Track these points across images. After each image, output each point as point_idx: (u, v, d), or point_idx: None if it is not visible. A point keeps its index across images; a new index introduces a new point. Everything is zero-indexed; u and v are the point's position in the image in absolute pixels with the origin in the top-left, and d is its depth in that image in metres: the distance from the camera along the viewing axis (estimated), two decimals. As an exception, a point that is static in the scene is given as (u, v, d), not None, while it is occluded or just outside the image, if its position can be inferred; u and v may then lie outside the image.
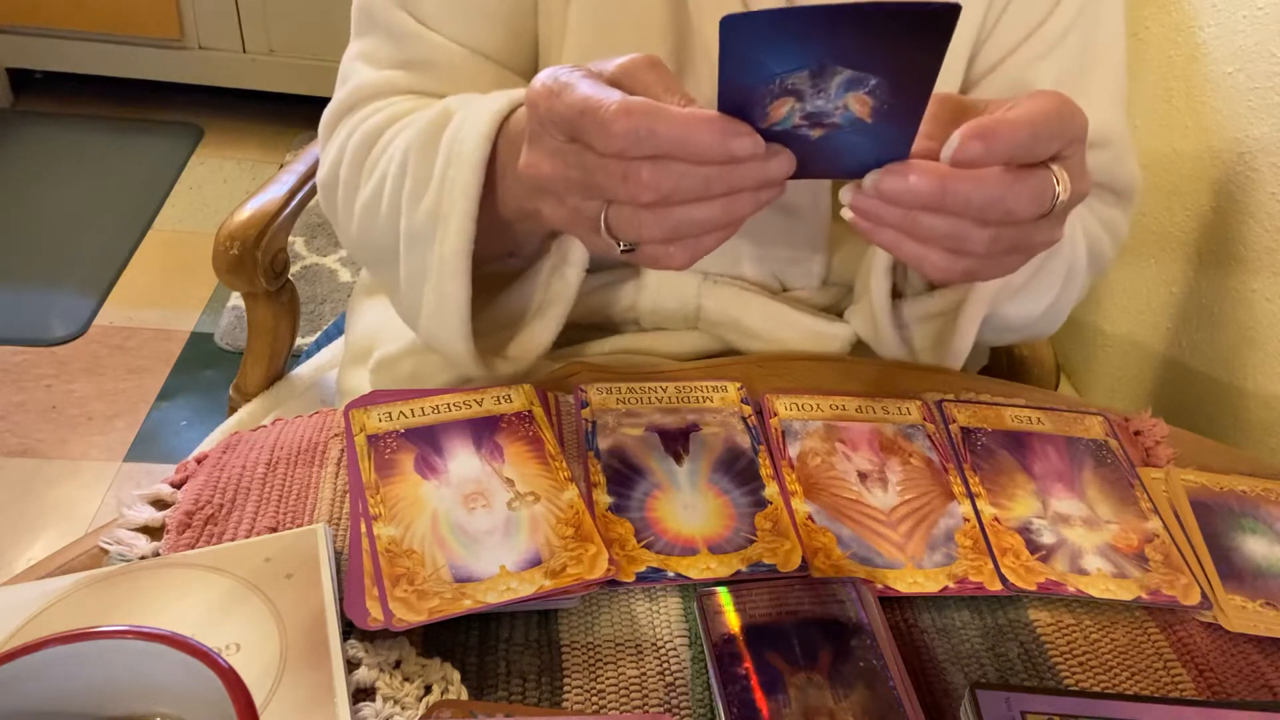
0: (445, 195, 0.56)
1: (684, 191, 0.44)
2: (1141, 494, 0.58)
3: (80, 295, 1.86)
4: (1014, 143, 0.43)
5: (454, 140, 0.57)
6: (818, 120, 0.44)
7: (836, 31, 0.41)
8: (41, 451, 1.59)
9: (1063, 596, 0.52)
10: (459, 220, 0.56)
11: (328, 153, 0.67)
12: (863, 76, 0.42)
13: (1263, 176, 0.95)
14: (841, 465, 0.57)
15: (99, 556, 0.49)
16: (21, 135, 2.25)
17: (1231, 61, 1.00)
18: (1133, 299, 1.18)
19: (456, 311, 0.58)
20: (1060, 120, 0.45)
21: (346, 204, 0.65)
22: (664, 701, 0.45)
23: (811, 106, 0.43)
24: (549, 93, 0.46)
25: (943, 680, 0.48)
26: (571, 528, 0.50)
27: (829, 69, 0.42)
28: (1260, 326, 0.96)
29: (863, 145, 0.45)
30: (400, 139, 0.61)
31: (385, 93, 0.66)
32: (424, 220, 0.57)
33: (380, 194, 0.61)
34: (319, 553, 0.48)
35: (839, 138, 0.45)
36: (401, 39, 0.65)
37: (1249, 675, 0.50)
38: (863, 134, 0.44)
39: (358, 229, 0.65)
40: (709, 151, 0.43)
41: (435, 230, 0.57)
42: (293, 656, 0.43)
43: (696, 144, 0.43)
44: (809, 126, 0.44)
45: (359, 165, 0.64)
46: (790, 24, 0.41)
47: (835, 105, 0.43)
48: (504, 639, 0.47)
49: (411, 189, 0.59)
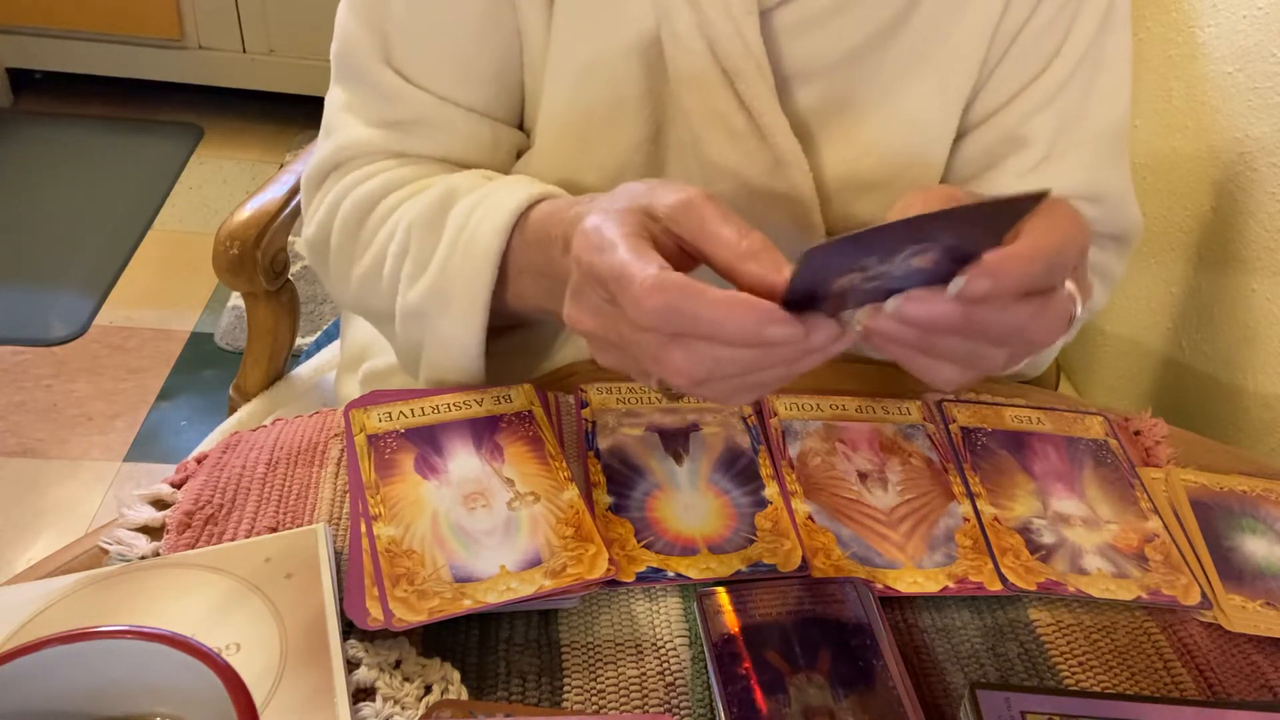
0: (449, 280, 0.56)
1: (720, 371, 0.42)
2: (1141, 494, 0.58)
3: (80, 295, 1.86)
4: (1025, 277, 0.42)
5: (462, 228, 0.56)
6: (875, 279, 0.42)
7: (922, 236, 0.39)
8: (41, 451, 1.59)
9: (1063, 596, 0.52)
10: (467, 309, 0.56)
11: (315, 210, 0.66)
12: (934, 247, 0.40)
13: (1263, 176, 0.95)
14: (842, 465, 0.57)
15: (99, 556, 0.49)
16: (21, 135, 2.25)
17: (1231, 61, 1.00)
18: (1133, 299, 1.18)
19: (470, 376, 0.59)
20: (1073, 249, 0.44)
21: (340, 269, 0.65)
22: (664, 701, 0.45)
23: (875, 273, 0.41)
24: (592, 247, 0.44)
25: (943, 680, 0.48)
26: (571, 528, 0.50)
27: (903, 252, 0.40)
28: (1260, 326, 0.96)
29: (910, 283, 0.43)
30: (400, 214, 0.60)
31: (376, 153, 0.64)
32: (421, 300, 0.57)
33: (379, 268, 0.61)
34: (319, 553, 0.48)
35: (892, 284, 0.43)
36: (391, 98, 0.63)
37: (1249, 675, 0.50)
38: (914, 277, 0.42)
39: (355, 296, 0.65)
40: (744, 338, 0.41)
41: (436, 308, 0.57)
42: (293, 656, 0.43)
43: (731, 330, 0.41)
44: (864, 281, 0.42)
45: (353, 234, 0.63)
46: (876, 243, 0.38)
47: (900, 270, 0.41)
48: (504, 639, 0.47)
49: (411, 270, 0.58)
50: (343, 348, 0.82)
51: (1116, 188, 0.68)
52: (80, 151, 2.21)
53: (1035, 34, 0.63)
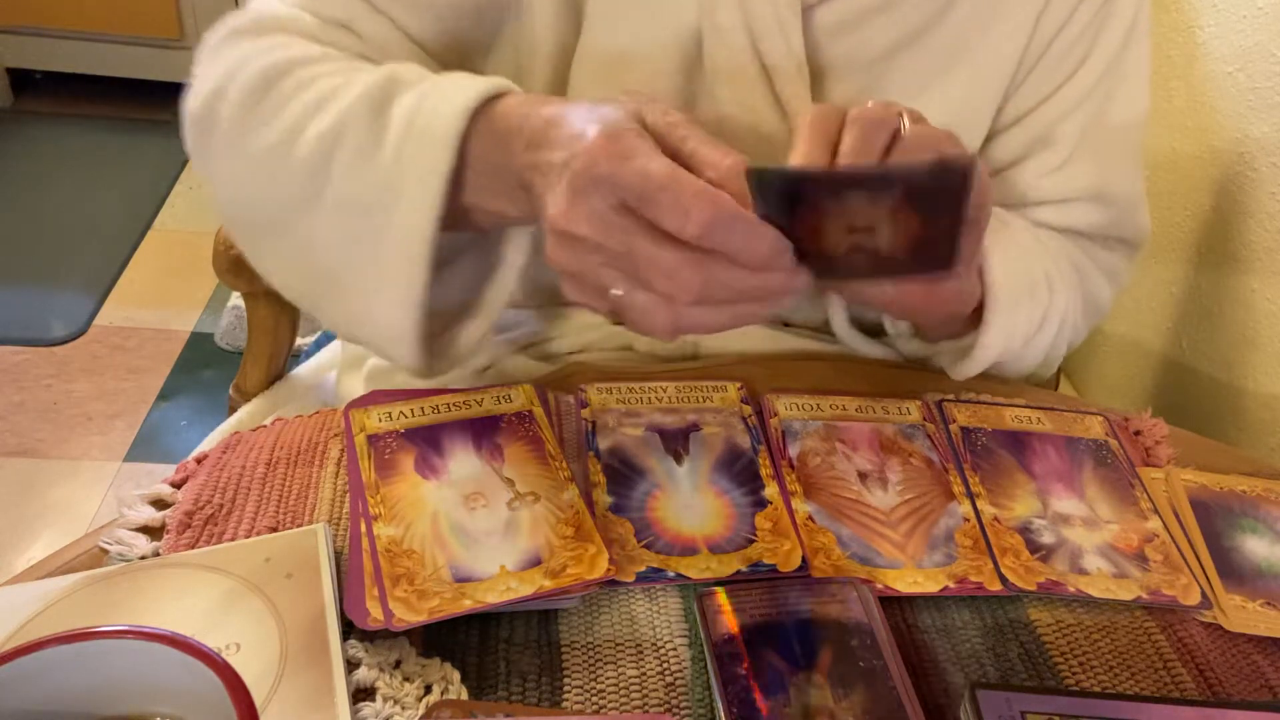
0: (403, 171, 0.50)
1: (713, 294, 0.43)
2: (1141, 494, 0.58)
3: (80, 295, 1.86)
4: None
5: (417, 112, 0.50)
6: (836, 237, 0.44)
7: (867, 183, 0.43)
8: (41, 451, 1.59)
9: (1063, 596, 0.52)
10: (426, 200, 0.49)
11: (206, 76, 0.57)
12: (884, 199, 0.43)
13: (1263, 176, 0.95)
14: (842, 465, 0.57)
15: (99, 556, 0.49)
16: (21, 135, 2.25)
17: (1231, 61, 1.00)
18: (1133, 299, 1.18)
19: (408, 295, 0.51)
20: None
21: (230, 147, 0.56)
22: (664, 701, 0.45)
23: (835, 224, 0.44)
24: (616, 153, 0.43)
25: (943, 680, 0.48)
26: (571, 528, 0.50)
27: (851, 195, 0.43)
28: (1260, 326, 0.96)
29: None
30: (322, 91, 0.53)
31: (293, 31, 0.58)
32: (368, 193, 0.51)
33: (289, 146, 0.53)
34: (319, 553, 0.48)
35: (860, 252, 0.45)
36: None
37: (1249, 675, 0.50)
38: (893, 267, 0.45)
39: (247, 180, 0.56)
40: (763, 261, 0.43)
41: (385, 206, 0.50)
42: (293, 656, 0.43)
43: (757, 252, 0.43)
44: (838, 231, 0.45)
45: (252, 105, 0.54)
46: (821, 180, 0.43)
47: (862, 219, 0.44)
48: (504, 639, 0.47)
49: (351, 160, 0.51)
50: (344, 346, 0.82)
51: (1128, 192, 0.70)
52: (80, 151, 2.22)
53: (1069, 41, 0.64)
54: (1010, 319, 0.61)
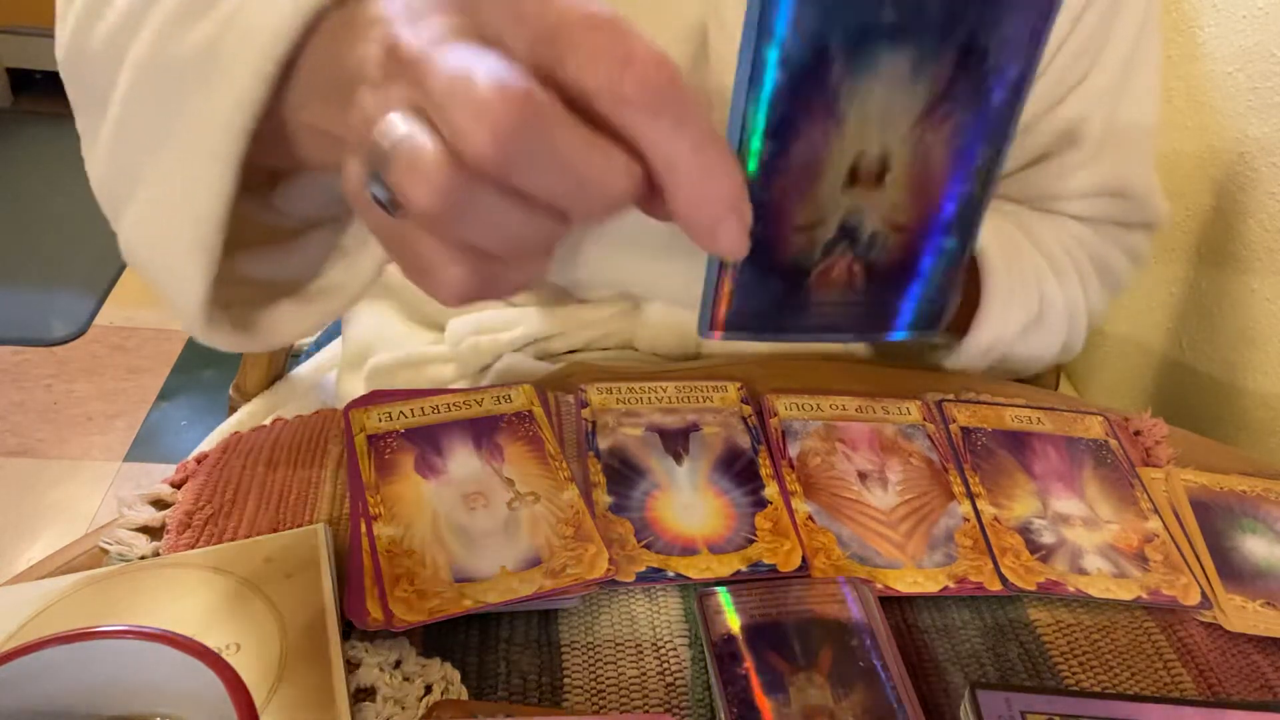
0: (232, 35, 0.37)
1: (529, 236, 0.29)
2: (1141, 494, 0.58)
3: (80, 295, 1.86)
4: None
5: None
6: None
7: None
8: (41, 451, 1.59)
9: (1063, 596, 0.52)
10: (245, 81, 0.36)
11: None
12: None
13: (1263, 176, 0.95)
14: (841, 465, 0.57)
15: (99, 556, 0.49)
16: (21, 135, 2.25)
17: (1231, 61, 1.00)
18: (1133, 299, 1.18)
19: (205, 207, 0.38)
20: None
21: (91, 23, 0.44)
22: (664, 701, 0.45)
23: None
24: (404, 16, 0.30)
25: (943, 680, 0.48)
26: (571, 528, 0.50)
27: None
28: (1260, 326, 0.96)
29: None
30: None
31: None
32: (190, 55, 0.38)
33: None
34: (319, 553, 0.48)
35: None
36: None
37: (1249, 675, 0.50)
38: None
39: (71, 29, 0.45)
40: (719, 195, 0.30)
41: (204, 77, 0.37)
42: (293, 656, 0.43)
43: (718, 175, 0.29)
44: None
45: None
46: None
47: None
48: (504, 639, 0.47)
49: (180, 4, 0.39)
50: (344, 345, 0.82)
51: (1143, 184, 0.71)
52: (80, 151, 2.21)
53: (1080, 43, 0.65)
54: (1004, 307, 0.62)
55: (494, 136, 0.26)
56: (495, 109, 0.26)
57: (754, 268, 0.34)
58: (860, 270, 0.35)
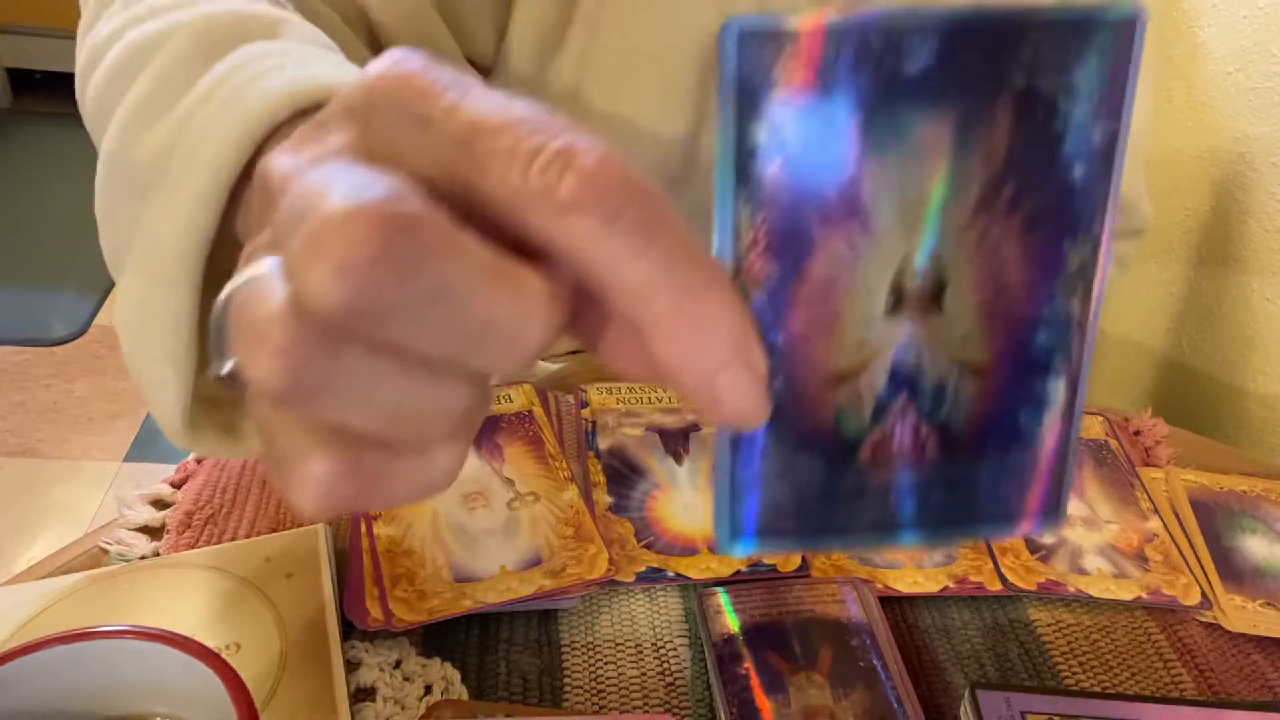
0: (183, 146, 0.32)
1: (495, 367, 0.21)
2: (1141, 494, 0.58)
3: (80, 295, 1.86)
4: None
5: (239, 70, 0.32)
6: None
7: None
8: (41, 451, 1.59)
9: (1063, 596, 0.52)
10: (188, 208, 0.31)
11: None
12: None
13: (1263, 176, 0.95)
14: (841, 465, 0.57)
15: (99, 556, 0.49)
16: (21, 135, 2.25)
17: (1231, 61, 1.00)
18: (1133, 299, 1.18)
19: (168, 325, 0.33)
20: None
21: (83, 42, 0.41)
22: (664, 701, 0.45)
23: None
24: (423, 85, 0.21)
25: (943, 680, 0.48)
26: (571, 528, 0.50)
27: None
28: (1260, 326, 0.96)
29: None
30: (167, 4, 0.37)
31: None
32: (146, 162, 0.34)
33: (102, 54, 0.38)
34: (319, 553, 0.48)
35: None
36: None
37: (1249, 675, 0.50)
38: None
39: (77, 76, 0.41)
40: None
41: (158, 188, 0.33)
42: (293, 656, 0.43)
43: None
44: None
45: (104, 2, 0.41)
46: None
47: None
48: (504, 639, 0.47)
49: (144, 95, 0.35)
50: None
51: (1134, 194, 0.72)
52: (80, 151, 2.21)
53: None
54: None
55: (340, 275, 0.18)
56: (343, 239, 0.18)
57: (780, 443, 0.24)
58: (933, 437, 0.25)
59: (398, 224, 0.19)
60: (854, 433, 0.24)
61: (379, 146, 0.22)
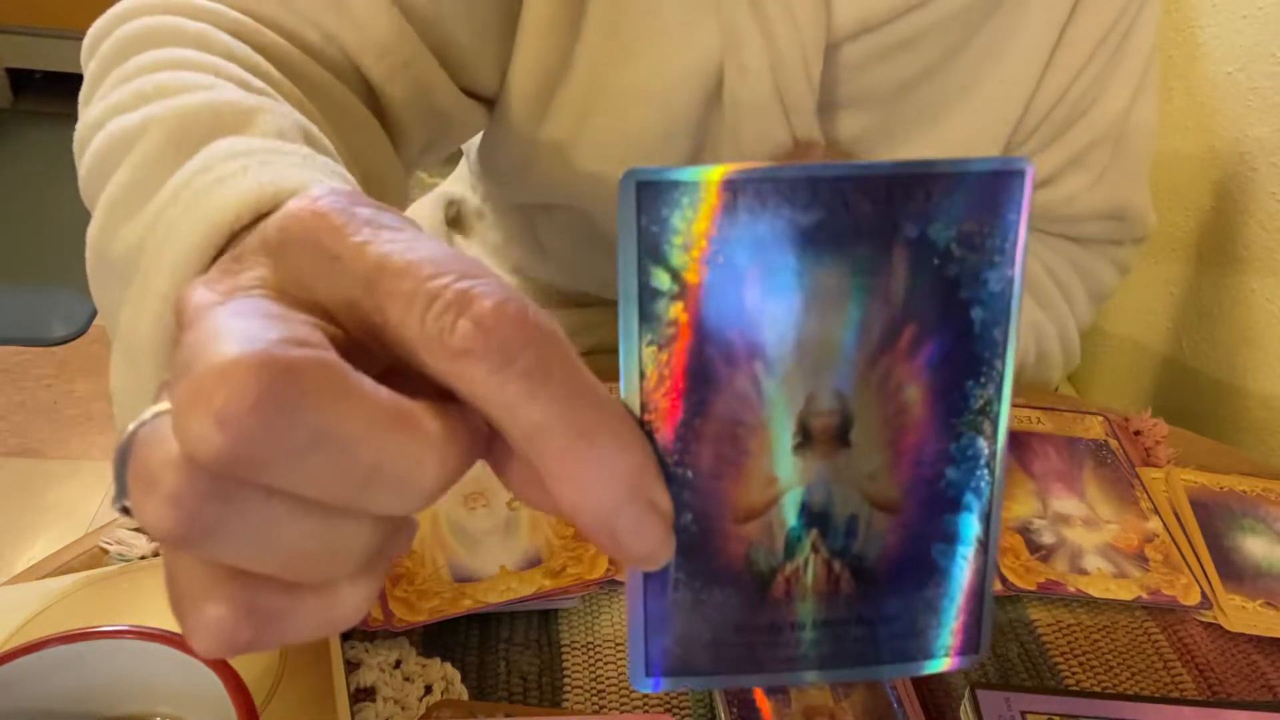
0: (152, 242, 0.32)
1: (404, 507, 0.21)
2: (1141, 494, 0.58)
3: (80, 295, 1.86)
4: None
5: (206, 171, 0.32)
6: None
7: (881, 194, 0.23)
8: (41, 451, 1.59)
9: (1063, 596, 0.52)
10: (157, 305, 0.31)
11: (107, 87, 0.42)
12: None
13: (1263, 176, 0.95)
14: (841, 465, 0.57)
15: (99, 556, 0.49)
16: (21, 135, 2.25)
17: (1231, 61, 1.00)
18: (1133, 299, 1.18)
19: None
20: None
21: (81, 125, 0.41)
22: (664, 701, 0.45)
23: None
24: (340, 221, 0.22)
25: (943, 680, 0.48)
26: (571, 527, 0.50)
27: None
28: (1260, 326, 0.96)
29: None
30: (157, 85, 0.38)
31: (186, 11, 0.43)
32: (121, 255, 0.34)
33: (90, 138, 0.38)
34: (319, 553, 0.48)
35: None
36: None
37: (1249, 675, 0.50)
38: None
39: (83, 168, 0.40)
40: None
41: (131, 283, 0.33)
42: (293, 656, 0.43)
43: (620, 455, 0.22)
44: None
45: (98, 78, 0.42)
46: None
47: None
48: (504, 639, 0.47)
49: (129, 184, 0.35)
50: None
51: (1141, 203, 0.71)
52: (80, 151, 2.21)
53: (1091, 77, 0.64)
54: None
55: (218, 425, 0.19)
56: (222, 388, 0.19)
57: (692, 579, 0.24)
58: (846, 573, 0.25)
59: (278, 372, 0.19)
60: (766, 568, 0.25)
61: (291, 282, 0.23)
